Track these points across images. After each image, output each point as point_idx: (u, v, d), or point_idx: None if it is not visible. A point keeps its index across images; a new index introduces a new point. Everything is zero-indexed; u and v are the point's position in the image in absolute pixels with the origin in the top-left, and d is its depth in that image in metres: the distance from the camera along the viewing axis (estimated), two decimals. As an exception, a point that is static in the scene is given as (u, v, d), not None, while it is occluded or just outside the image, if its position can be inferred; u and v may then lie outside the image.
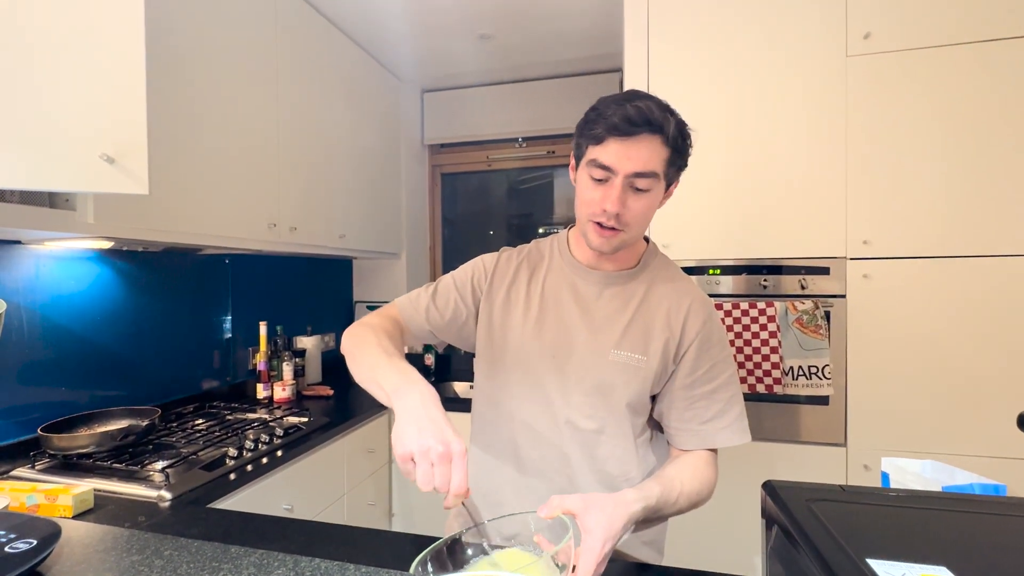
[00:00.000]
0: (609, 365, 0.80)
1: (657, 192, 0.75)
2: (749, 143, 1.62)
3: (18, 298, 1.28)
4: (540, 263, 0.89)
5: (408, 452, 0.59)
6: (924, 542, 0.49)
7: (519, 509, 0.82)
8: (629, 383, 0.80)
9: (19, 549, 0.63)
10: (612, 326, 0.82)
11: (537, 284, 0.87)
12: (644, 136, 0.71)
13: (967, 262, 1.48)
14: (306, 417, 1.68)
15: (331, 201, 2.03)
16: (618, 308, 0.82)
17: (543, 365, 0.83)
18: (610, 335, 0.81)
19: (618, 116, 0.72)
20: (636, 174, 0.72)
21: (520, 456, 0.84)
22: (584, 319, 0.83)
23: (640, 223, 0.77)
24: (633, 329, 0.81)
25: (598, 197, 0.75)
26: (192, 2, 1.40)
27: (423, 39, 2.23)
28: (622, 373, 0.80)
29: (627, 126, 0.71)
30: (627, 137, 0.71)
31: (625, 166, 0.72)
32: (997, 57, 1.44)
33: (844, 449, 1.57)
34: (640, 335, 0.81)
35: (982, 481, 0.65)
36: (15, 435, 1.27)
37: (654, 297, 0.83)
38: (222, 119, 1.49)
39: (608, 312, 0.83)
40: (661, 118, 0.71)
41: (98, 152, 0.91)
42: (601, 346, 0.81)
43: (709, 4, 1.64)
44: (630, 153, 0.71)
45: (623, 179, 0.72)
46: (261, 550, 0.73)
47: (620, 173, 0.72)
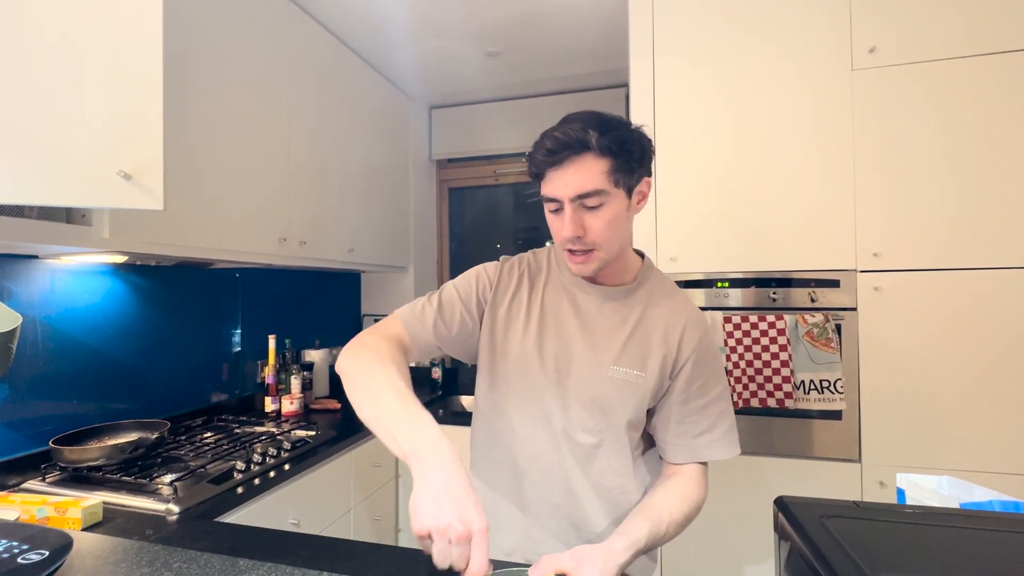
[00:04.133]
0: (608, 381, 0.81)
1: (614, 204, 0.75)
2: (756, 156, 1.62)
3: (33, 311, 1.30)
4: (539, 275, 0.90)
5: (426, 529, 0.56)
6: (941, 560, 0.48)
7: (518, 522, 0.85)
8: (627, 399, 0.81)
9: (31, 560, 0.63)
10: (611, 342, 0.82)
11: (537, 296, 0.87)
12: (572, 159, 0.72)
13: (979, 274, 1.46)
14: (314, 431, 1.68)
15: (340, 216, 2.05)
16: (617, 324, 0.83)
17: (543, 378, 0.83)
18: (609, 351, 0.82)
19: (543, 149, 0.73)
20: (579, 196, 0.73)
21: (519, 468, 0.84)
22: (584, 333, 0.83)
23: (608, 238, 0.76)
24: (632, 345, 0.82)
25: (558, 227, 0.77)
26: (205, 21, 1.44)
27: (431, 56, 2.27)
28: (621, 389, 0.81)
29: (552, 156, 0.73)
30: (557, 166, 0.73)
31: (565, 192, 0.73)
32: (1003, 69, 1.45)
33: (859, 465, 1.54)
34: (638, 351, 0.81)
35: (1001, 498, 0.63)
36: (27, 448, 1.28)
37: (651, 314, 0.83)
38: (234, 136, 1.52)
39: (607, 327, 0.83)
40: (582, 136, 0.71)
41: (115, 169, 0.93)
42: (600, 361, 0.81)
43: (714, 20, 1.66)
44: (565, 179, 0.73)
45: (570, 204, 0.74)
46: (269, 563, 0.72)
47: (565, 199, 0.74)
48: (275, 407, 1.93)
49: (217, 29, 1.48)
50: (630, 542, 0.69)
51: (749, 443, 1.63)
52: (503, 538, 0.86)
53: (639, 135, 0.77)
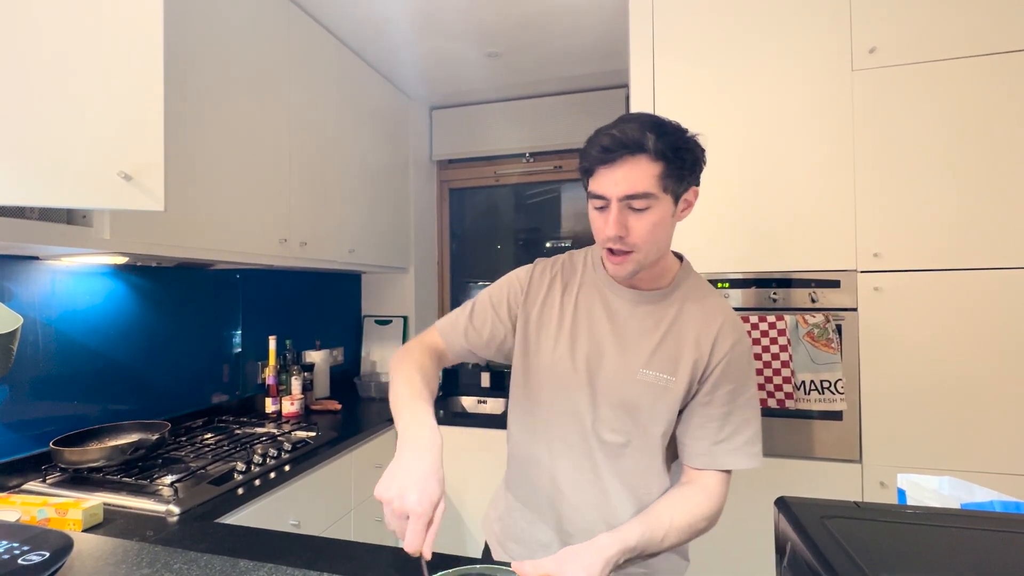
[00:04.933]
0: (636, 384, 0.81)
1: (660, 209, 0.75)
2: (756, 157, 1.62)
3: (34, 312, 1.30)
4: (573, 276, 0.90)
5: (376, 496, 0.63)
6: (942, 561, 0.48)
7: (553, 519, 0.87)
8: (655, 402, 0.81)
9: (32, 561, 0.63)
10: (642, 345, 0.82)
11: (571, 298, 0.88)
12: (627, 159, 0.73)
13: (980, 274, 1.46)
14: (314, 432, 1.68)
15: (341, 216, 2.05)
16: (650, 328, 0.83)
17: (575, 379, 0.84)
18: (639, 354, 0.82)
19: (598, 146, 0.74)
20: (628, 196, 0.73)
21: (555, 466, 0.86)
22: (615, 335, 0.84)
23: (649, 242, 0.76)
24: (663, 350, 0.81)
25: (601, 225, 0.77)
26: (206, 22, 1.45)
27: (432, 57, 2.27)
28: (649, 392, 0.81)
29: (607, 154, 0.73)
30: (610, 164, 0.73)
31: (615, 191, 0.74)
32: (1004, 69, 1.45)
33: (859, 465, 1.54)
34: (669, 356, 0.81)
35: (1002, 498, 0.63)
36: (27, 449, 1.28)
37: (685, 318, 0.83)
38: (235, 136, 1.53)
39: (639, 331, 0.83)
40: (639, 137, 0.72)
41: (116, 170, 0.93)
42: (630, 364, 0.82)
43: (714, 20, 1.66)
44: (616, 178, 0.73)
45: (617, 203, 0.74)
46: (270, 564, 0.72)
47: (613, 198, 0.74)
48: (276, 408, 1.93)
49: (218, 30, 1.48)
50: (617, 539, 0.70)
51: (750, 444, 1.63)
52: (539, 530, 0.88)
53: (694, 144, 0.77)
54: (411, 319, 2.69)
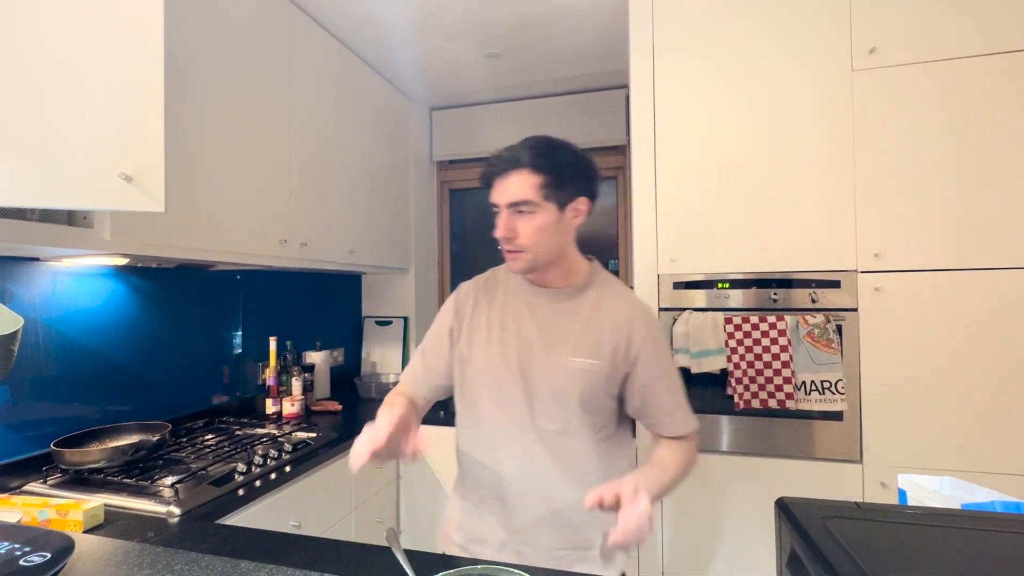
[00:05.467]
0: (567, 371, 0.90)
1: (544, 214, 0.87)
2: (756, 157, 1.62)
3: (35, 314, 1.30)
4: (496, 288, 1.00)
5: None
6: (943, 561, 0.48)
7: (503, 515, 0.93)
8: (585, 386, 0.90)
9: (33, 562, 0.63)
10: (567, 336, 0.92)
11: (496, 306, 0.98)
12: (511, 172, 0.87)
13: (980, 274, 1.46)
14: (315, 432, 1.68)
15: (341, 217, 2.05)
16: (570, 320, 0.93)
17: (509, 376, 0.93)
18: (566, 344, 0.91)
19: (489, 164, 0.90)
20: (513, 203, 0.87)
21: (499, 463, 0.93)
22: (541, 331, 0.93)
23: (536, 242, 0.88)
24: (586, 337, 0.91)
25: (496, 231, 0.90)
26: (206, 24, 1.45)
27: (432, 58, 2.27)
28: (579, 377, 0.90)
29: (496, 168, 0.89)
30: (500, 177, 0.88)
31: (503, 199, 0.88)
32: (1004, 69, 1.45)
33: (860, 466, 1.54)
34: (592, 342, 0.91)
35: (1003, 498, 0.63)
36: (28, 450, 1.28)
37: (602, 309, 0.93)
38: (235, 137, 1.53)
39: (562, 324, 0.93)
40: (520, 155, 0.87)
41: (116, 171, 0.93)
42: (559, 354, 0.91)
43: (713, 21, 1.66)
44: (504, 188, 0.88)
45: (506, 209, 0.88)
46: (270, 565, 0.72)
47: (502, 205, 0.88)
48: (276, 409, 1.93)
49: (218, 31, 1.48)
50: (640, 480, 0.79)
51: (750, 444, 1.63)
52: (494, 530, 0.94)
53: (578, 160, 0.90)
54: (411, 320, 2.69)
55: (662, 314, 1.70)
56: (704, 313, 1.64)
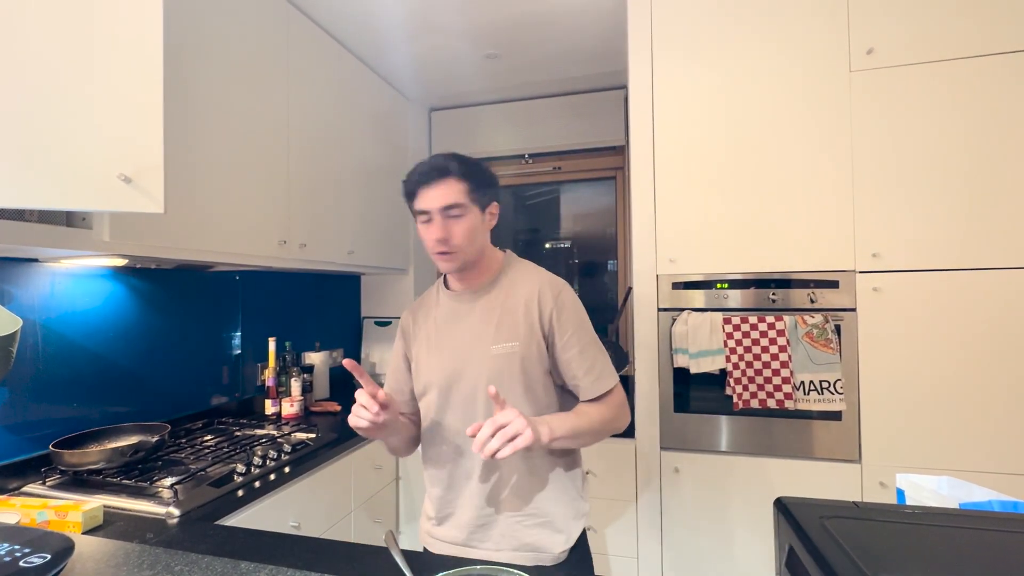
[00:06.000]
0: (494, 358, 0.97)
1: (471, 216, 0.96)
2: (755, 158, 1.63)
3: (33, 315, 1.30)
4: (429, 305, 1.09)
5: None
6: (941, 560, 0.48)
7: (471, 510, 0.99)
8: (512, 365, 0.97)
9: (33, 564, 0.63)
10: (487, 328, 0.99)
11: (430, 320, 1.06)
12: (440, 180, 0.95)
13: (979, 274, 1.47)
14: (314, 433, 1.68)
15: (340, 218, 2.05)
16: (488, 312, 1.00)
17: (451, 382, 1.00)
18: (487, 335, 0.99)
19: (418, 173, 0.96)
20: (446, 207, 0.94)
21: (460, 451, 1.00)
22: (468, 332, 1.01)
23: (468, 242, 0.96)
24: (503, 324, 0.98)
25: (429, 234, 0.96)
26: (205, 25, 1.45)
27: (430, 59, 2.27)
28: (506, 360, 0.97)
29: (426, 177, 0.95)
30: (429, 184, 0.95)
31: (435, 204, 0.94)
32: (1001, 70, 1.45)
33: (859, 466, 1.54)
34: (509, 327, 0.98)
35: (1001, 498, 0.63)
36: (27, 451, 1.28)
37: (514, 293, 1.01)
38: (234, 138, 1.53)
39: (482, 318, 1.00)
40: (447, 164, 0.95)
41: (116, 172, 0.93)
42: (484, 345, 0.98)
43: (712, 22, 1.67)
44: (435, 194, 0.95)
45: (439, 213, 0.94)
46: (270, 566, 0.72)
47: (434, 210, 0.95)
48: (275, 410, 1.93)
49: (217, 32, 1.48)
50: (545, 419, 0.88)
51: (749, 444, 1.63)
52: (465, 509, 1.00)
53: (487, 169, 1.01)
54: (410, 320, 2.69)
55: (661, 314, 1.70)
56: (703, 313, 1.64)
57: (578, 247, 2.82)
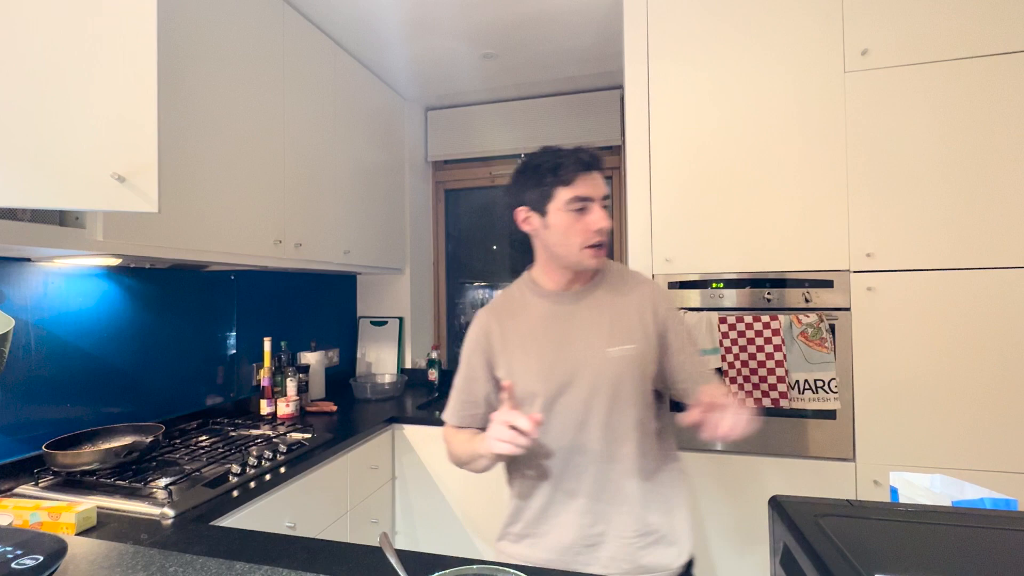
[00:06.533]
0: (611, 362, 0.92)
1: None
2: (750, 158, 1.63)
3: (26, 315, 1.29)
4: (515, 307, 1.01)
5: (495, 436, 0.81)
6: (934, 557, 0.49)
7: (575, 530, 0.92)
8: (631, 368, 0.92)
9: (25, 565, 0.63)
10: (599, 330, 0.94)
11: (522, 323, 0.98)
12: (598, 170, 0.93)
13: (972, 274, 1.48)
14: (309, 433, 1.67)
15: (336, 217, 2.05)
16: (596, 313, 0.96)
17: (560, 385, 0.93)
18: (600, 337, 0.94)
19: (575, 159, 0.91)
20: (605, 196, 0.93)
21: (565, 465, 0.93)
22: (576, 335, 0.95)
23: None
24: (617, 326, 0.94)
25: (584, 225, 0.91)
26: (199, 22, 1.44)
27: (427, 58, 2.27)
28: (624, 364, 0.92)
29: (586, 165, 0.91)
30: (590, 172, 0.92)
31: (598, 192, 0.92)
32: (995, 71, 1.46)
33: (853, 464, 1.55)
34: (624, 329, 0.94)
35: (993, 495, 0.64)
36: (19, 452, 1.27)
37: (622, 295, 0.98)
38: (229, 137, 1.52)
39: (591, 321, 0.95)
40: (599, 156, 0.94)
41: (109, 171, 0.93)
42: (598, 348, 0.93)
43: (708, 22, 1.67)
44: (597, 183, 0.92)
45: (600, 202, 0.91)
46: (265, 566, 0.72)
47: (598, 198, 0.91)
48: (271, 410, 1.92)
49: (212, 31, 1.47)
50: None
51: (744, 442, 1.63)
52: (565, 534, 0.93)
53: None
54: (407, 320, 2.68)
55: (657, 314, 1.70)
56: (698, 313, 1.64)
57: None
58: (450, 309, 2.97)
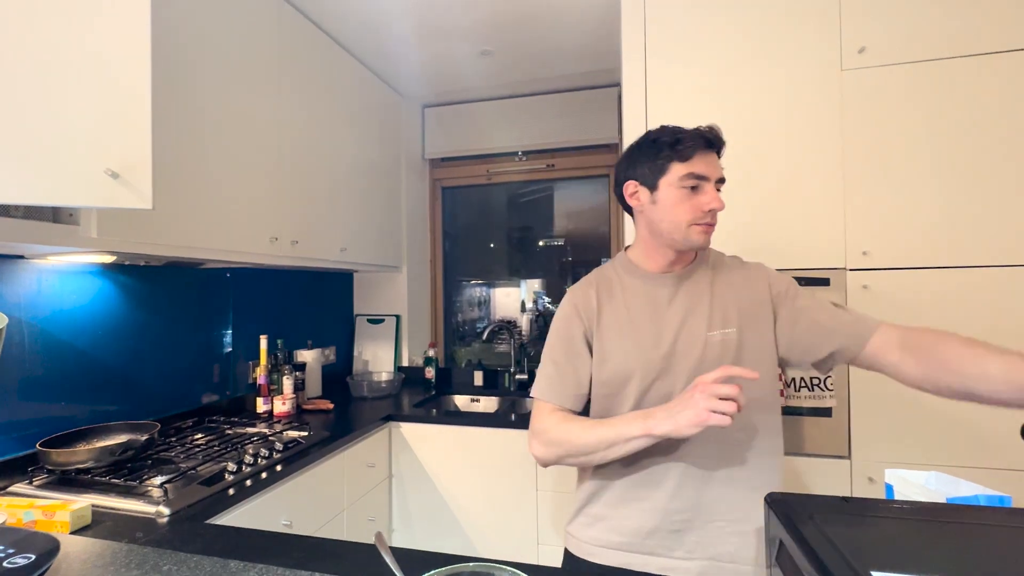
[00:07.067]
0: (711, 346, 0.90)
1: None
2: (745, 156, 1.63)
3: (20, 313, 1.28)
4: (612, 286, 0.99)
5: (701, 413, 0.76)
6: (929, 554, 0.49)
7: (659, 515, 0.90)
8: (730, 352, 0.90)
9: (18, 564, 0.62)
10: (700, 312, 0.92)
11: (619, 302, 0.97)
12: (717, 151, 0.91)
13: (967, 272, 1.48)
14: (306, 431, 1.67)
15: (333, 215, 2.04)
16: (696, 296, 0.94)
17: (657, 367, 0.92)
18: (701, 319, 0.92)
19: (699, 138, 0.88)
20: (720, 179, 0.90)
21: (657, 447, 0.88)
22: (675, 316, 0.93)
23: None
24: (717, 308, 0.92)
25: (695, 203, 0.89)
26: (195, 19, 1.43)
27: (424, 55, 2.26)
28: (723, 348, 0.90)
29: (708, 143, 0.89)
30: (710, 151, 0.90)
31: (715, 173, 0.90)
32: (992, 70, 1.46)
33: (848, 461, 1.56)
34: (724, 312, 0.92)
35: (987, 492, 0.64)
36: (13, 450, 1.26)
37: (721, 279, 0.95)
38: (224, 134, 1.51)
39: (691, 303, 0.93)
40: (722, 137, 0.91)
41: (103, 167, 0.92)
42: (699, 331, 0.91)
43: (705, 20, 1.67)
44: (715, 163, 0.90)
45: (715, 183, 0.89)
46: (260, 565, 0.72)
47: (712, 178, 0.89)
48: (267, 408, 1.91)
49: (207, 26, 1.46)
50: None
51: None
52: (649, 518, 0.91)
53: None
54: (404, 318, 2.68)
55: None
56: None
57: (571, 245, 2.82)
58: (447, 307, 2.96)
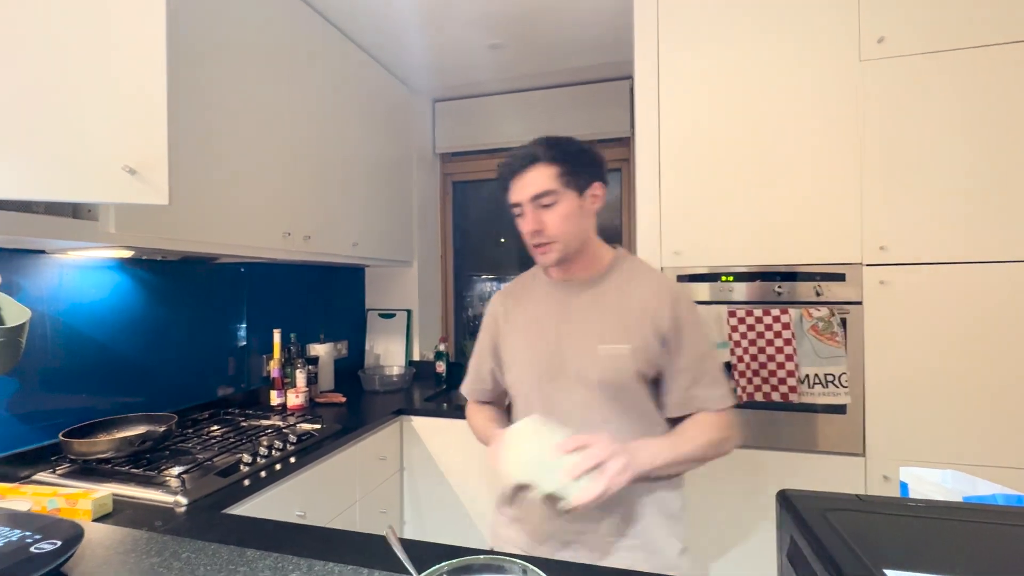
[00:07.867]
0: (600, 359, 0.90)
1: (566, 203, 0.90)
2: (761, 149, 1.61)
3: (42, 306, 1.31)
4: (524, 291, 1.04)
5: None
6: (944, 553, 0.48)
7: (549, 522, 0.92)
8: (620, 369, 0.90)
9: (44, 549, 0.64)
10: (594, 325, 0.92)
11: (527, 309, 1.01)
12: (528, 168, 0.90)
13: (985, 268, 1.45)
14: (319, 424, 1.69)
15: (344, 210, 2.05)
16: (596, 308, 0.94)
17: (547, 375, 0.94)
18: (593, 332, 0.92)
19: (506, 165, 0.93)
20: (535, 196, 0.90)
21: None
22: (571, 326, 0.94)
23: (564, 231, 0.90)
24: (614, 324, 0.91)
25: (522, 228, 0.93)
26: (209, 15, 1.44)
27: (435, 50, 2.26)
28: (612, 363, 0.90)
29: (512, 168, 0.92)
30: (517, 175, 0.91)
31: (524, 194, 0.91)
32: (1013, 59, 1.43)
33: (863, 459, 1.54)
34: (621, 328, 0.91)
35: (1006, 491, 0.63)
36: (37, 440, 1.30)
37: (627, 293, 0.94)
38: (238, 130, 1.53)
39: (588, 314, 0.94)
40: (533, 151, 0.90)
41: (121, 164, 0.94)
42: (589, 343, 0.91)
43: (719, 11, 1.64)
44: (522, 184, 0.91)
45: (529, 204, 0.91)
46: (276, 554, 0.73)
47: (524, 201, 0.91)
48: (281, 401, 1.94)
49: (221, 23, 1.47)
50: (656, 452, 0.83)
51: (753, 437, 1.63)
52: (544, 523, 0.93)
53: (585, 148, 0.94)
54: (415, 312, 2.69)
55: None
56: (708, 306, 1.63)
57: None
58: (458, 302, 2.97)
